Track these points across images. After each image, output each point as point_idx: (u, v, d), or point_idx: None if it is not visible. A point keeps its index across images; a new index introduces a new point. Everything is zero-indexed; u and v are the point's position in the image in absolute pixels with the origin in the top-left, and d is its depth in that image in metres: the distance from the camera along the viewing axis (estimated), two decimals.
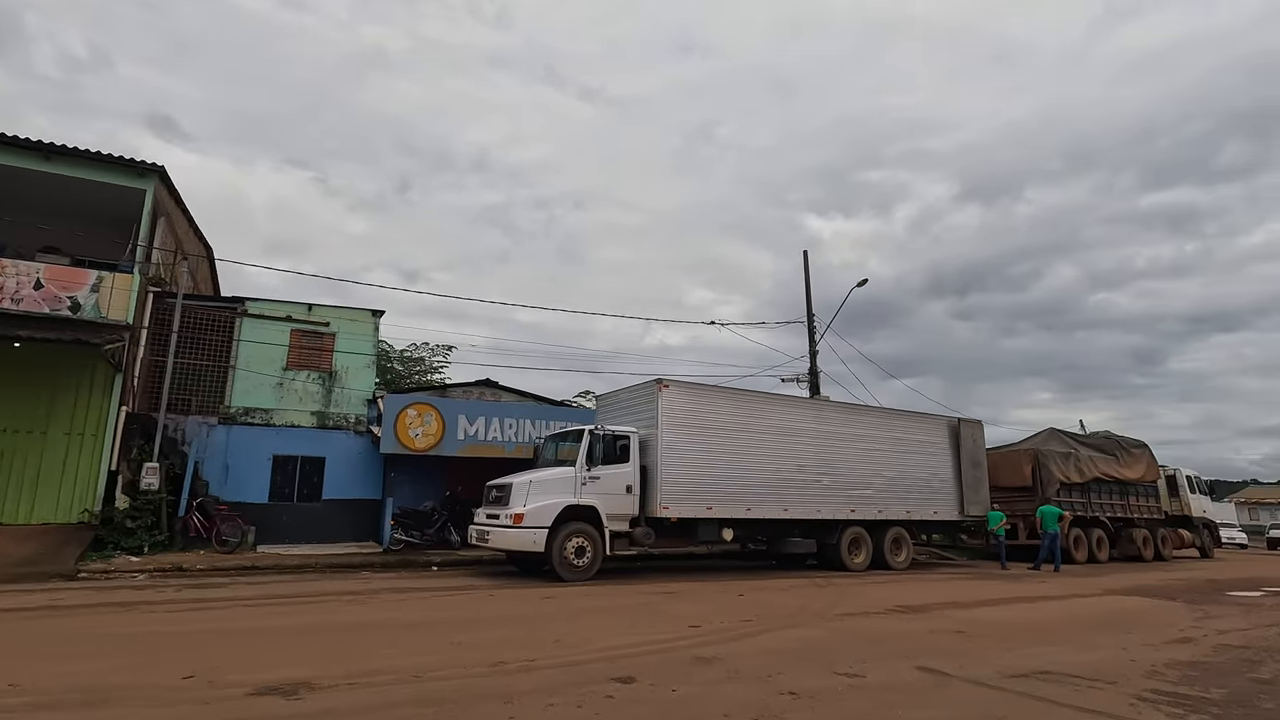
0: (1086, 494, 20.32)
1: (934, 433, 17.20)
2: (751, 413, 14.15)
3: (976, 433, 17.99)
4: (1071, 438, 21.53)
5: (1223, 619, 9.62)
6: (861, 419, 16.05)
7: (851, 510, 15.13)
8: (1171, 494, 24.05)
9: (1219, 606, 10.96)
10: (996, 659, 6.51)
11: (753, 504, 13.79)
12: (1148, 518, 22.08)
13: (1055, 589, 12.83)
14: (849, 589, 11.85)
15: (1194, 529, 24.30)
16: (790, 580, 12.93)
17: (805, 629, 7.96)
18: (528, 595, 10.12)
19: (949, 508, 16.95)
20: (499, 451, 16.22)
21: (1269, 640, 8.07)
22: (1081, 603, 11.02)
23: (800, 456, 14.62)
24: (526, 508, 11.60)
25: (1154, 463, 22.64)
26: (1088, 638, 7.82)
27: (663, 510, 12.63)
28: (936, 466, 16.97)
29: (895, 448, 16.26)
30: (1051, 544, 16.76)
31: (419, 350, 30.64)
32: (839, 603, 10.14)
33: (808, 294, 22.95)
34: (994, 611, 9.75)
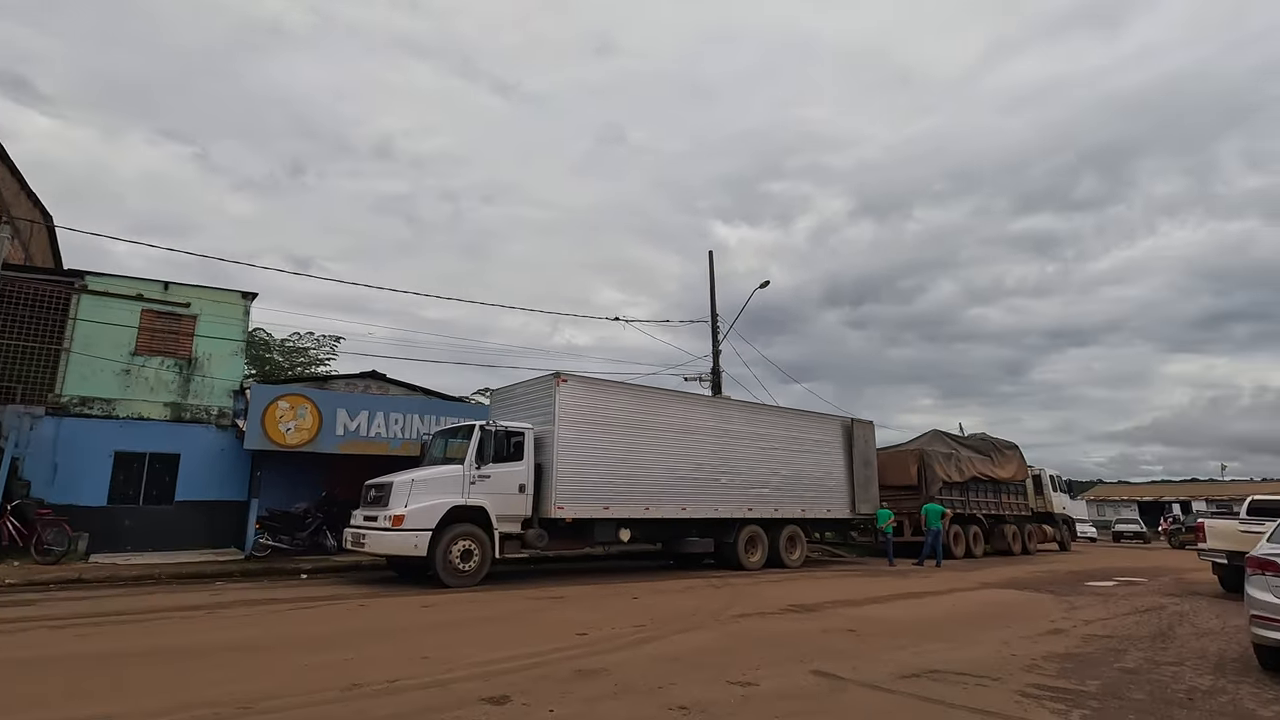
0: (965, 492, 21.47)
1: (829, 432, 17.55)
2: (652, 410, 13.82)
3: (868, 433, 18.54)
4: (952, 439, 22.73)
5: (1086, 609, 10.15)
6: (761, 418, 16.10)
7: (749, 509, 15.12)
8: (1037, 492, 25.93)
9: (1081, 597, 11.64)
10: (888, 659, 6.40)
11: (651, 503, 13.45)
12: (1017, 514, 23.66)
13: (938, 584, 13.28)
14: (745, 589, 11.71)
15: (1055, 524, 26.32)
16: (687, 581, 12.67)
17: (700, 633, 7.62)
18: (404, 604, 9.25)
19: (841, 506, 17.34)
20: (383, 449, 15.05)
21: (1127, 629, 8.51)
22: (962, 597, 11.39)
23: (700, 455, 14.43)
24: (407, 509, 10.68)
25: (1023, 463, 24.31)
26: (971, 633, 7.94)
27: (557, 510, 12.04)
28: (831, 465, 17.32)
29: (792, 447, 16.43)
30: (934, 540, 17.49)
31: (303, 340, 28.40)
32: (734, 603, 9.92)
33: (712, 294, 23.04)
34: (883, 609, 9.83)
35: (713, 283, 23.02)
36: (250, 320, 16.65)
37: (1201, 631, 8.38)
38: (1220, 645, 7.50)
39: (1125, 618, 9.38)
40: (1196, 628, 8.66)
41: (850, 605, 9.99)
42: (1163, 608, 10.48)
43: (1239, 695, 5.43)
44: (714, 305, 22.93)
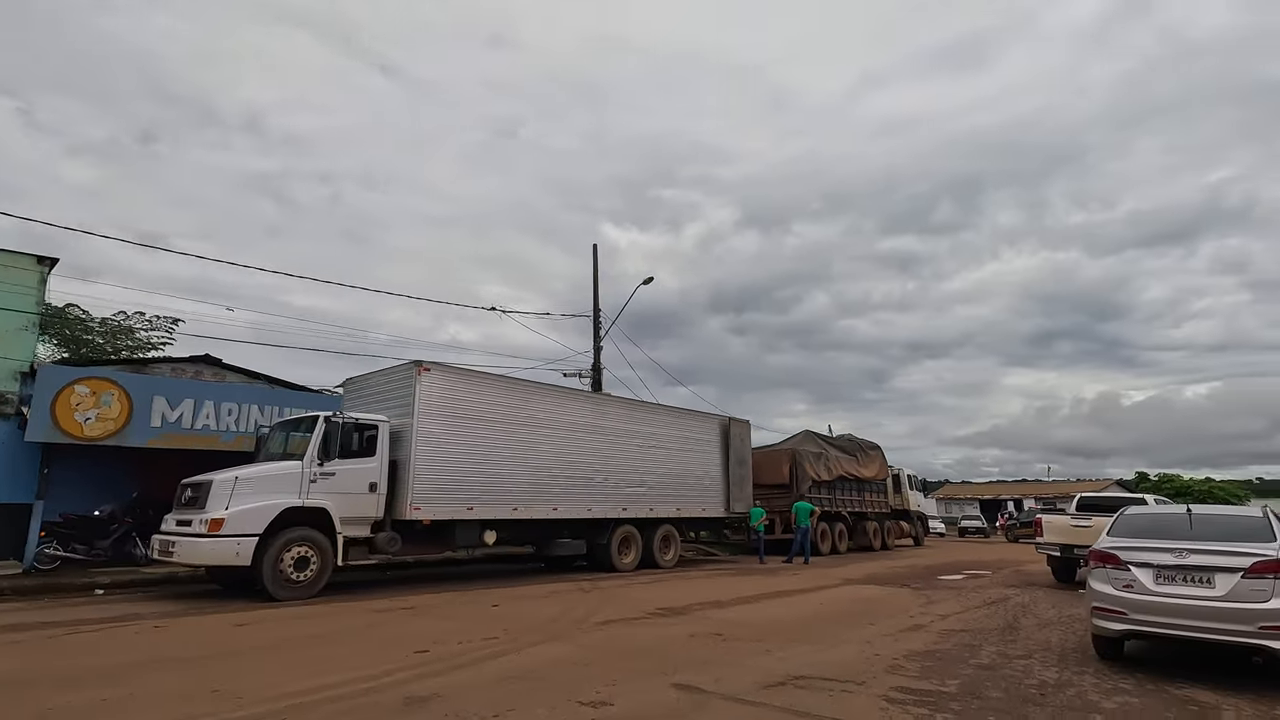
0: (833, 491, 22.25)
1: (706, 431, 17.46)
2: (524, 404, 12.99)
3: (744, 432, 18.67)
4: (822, 439, 23.53)
5: (941, 603, 10.47)
6: (639, 415, 15.69)
7: (624, 509, 14.65)
8: (896, 490, 27.45)
9: (936, 591, 12.08)
10: (754, 665, 6.04)
11: (521, 503, 12.63)
12: (878, 511, 24.88)
13: (805, 581, 13.40)
14: (614, 592, 11.18)
15: (911, 521, 28.02)
16: (554, 585, 11.96)
17: (557, 644, 6.95)
18: (214, 624, 7.90)
19: (717, 504, 17.29)
20: (211, 442, 13.20)
21: (979, 622, 8.75)
22: (828, 595, 11.47)
23: (574, 452, 13.78)
24: (228, 511, 9.24)
25: (885, 463, 25.63)
26: (836, 632, 7.81)
27: (413, 512, 10.95)
28: (707, 464, 17.23)
29: (670, 445, 16.16)
30: (803, 538, 17.85)
31: (130, 319, 24.89)
32: (601, 608, 9.34)
33: (595, 288, 22.46)
34: (752, 610, 9.62)
35: (596, 276, 22.47)
36: (49, 290, 14.12)
37: (1043, 622, 8.77)
38: (1060, 636, 7.80)
39: (976, 610, 9.72)
40: (1038, 618, 9.07)
41: (719, 607, 9.70)
42: (1007, 599, 11.02)
43: (1083, 688, 5.50)
44: (596, 299, 22.37)
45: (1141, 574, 5.96)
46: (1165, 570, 5.86)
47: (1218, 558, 5.68)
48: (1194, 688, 5.54)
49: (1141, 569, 5.98)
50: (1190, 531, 6.27)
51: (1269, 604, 5.38)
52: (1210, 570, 5.68)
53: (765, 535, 19.27)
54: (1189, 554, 5.77)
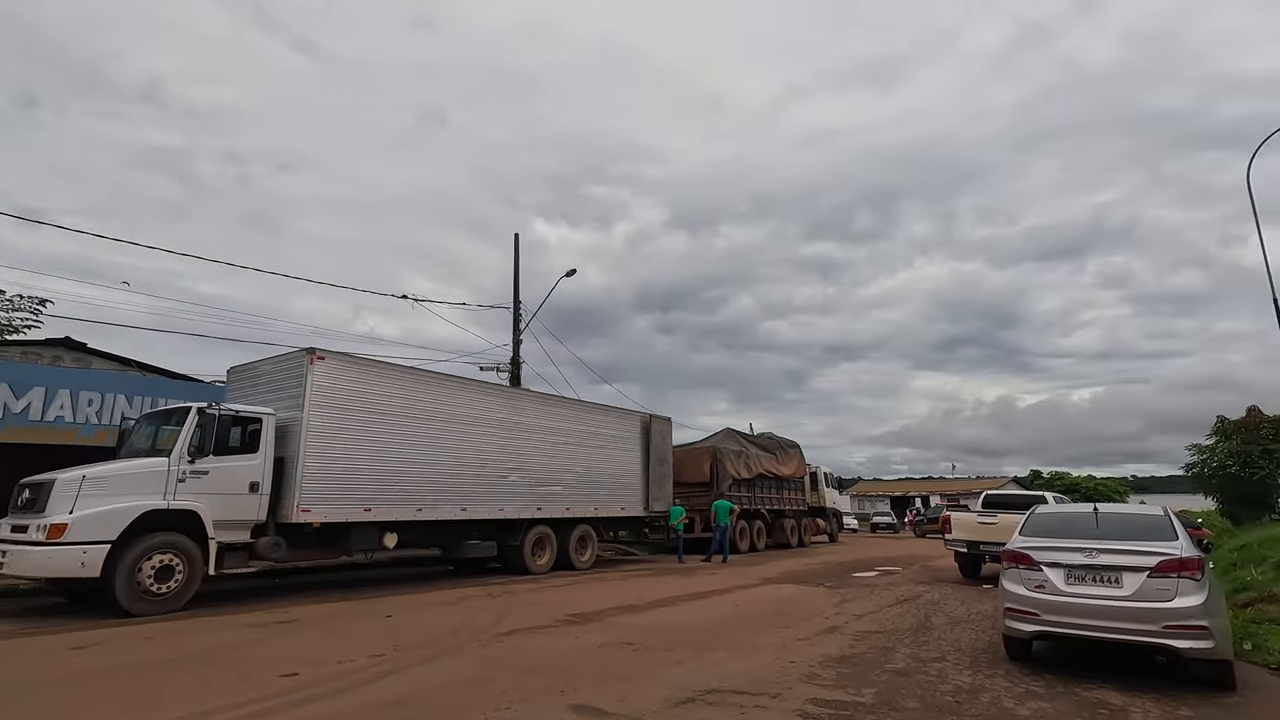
0: (752, 489, 22.31)
1: (627, 428, 17.03)
2: (431, 397, 12.14)
3: (665, 429, 18.36)
4: (743, 437, 23.58)
5: (855, 602, 10.41)
6: (557, 411, 15.07)
7: (538, 509, 14.00)
8: (813, 488, 27.94)
9: (850, 589, 12.08)
10: (664, 678, 5.60)
11: (426, 504, 11.78)
12: (796, 509, 25.19)
13: (723, 581, 13.17)
14: (524, 597, 10.55)
15: (827, 518, 28.58)
16: (461, 590, 11.21)
17: (451, 660, 6.30)
18: (43, 648, 6.79)
19: (636, 503, 16.89)
20: (66, 436, 11.68)
21: (892, 621, 8.67)
22: (745, 595, 11.24)
23: (487, 449, 13.03)
24: (73, 516, 8.03)
25: (803, 461, 25.99)
26: (751, 637, 7.50)
27: (301, 514, 9.96)
28: (628, 462, 16.80)
29: (589, 442, 15.62)
30: (722, 536, 17.71)
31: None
32: (507, 616, 8.71)
33: (515, 278, 21.63)
34: (667, 614, 9.22)
35: (517, 266, 21.66)
36: None
37: (953, 620, 8.78)
38: (971, 635, 7.78)
39: (889, 609, 9.68)
40: (948, 616, 9.09)
41: (634, 611, 9.26)
42: (918, 596, 11.10)
43: (997, 693, 5.35)
44: (517, 290, 21.57)
45: (1053, 574, 5.90)
46: (1076, 570, 5.81)
47: (1125, 557, 5.67)
48: (1102, 689, 5.49)
49: (1053, 569, 5.92)
50: (1097, 530, 6.28)
51: (1173, 603, 5.38)
52: (1118, 570, 5.65)
53: (685, 534, 19.06)
54: (1098, 554, 5.74)
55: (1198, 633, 5.26)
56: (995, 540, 13.17)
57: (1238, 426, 16.58)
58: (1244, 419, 16.64)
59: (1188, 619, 5.29)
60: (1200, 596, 5.36)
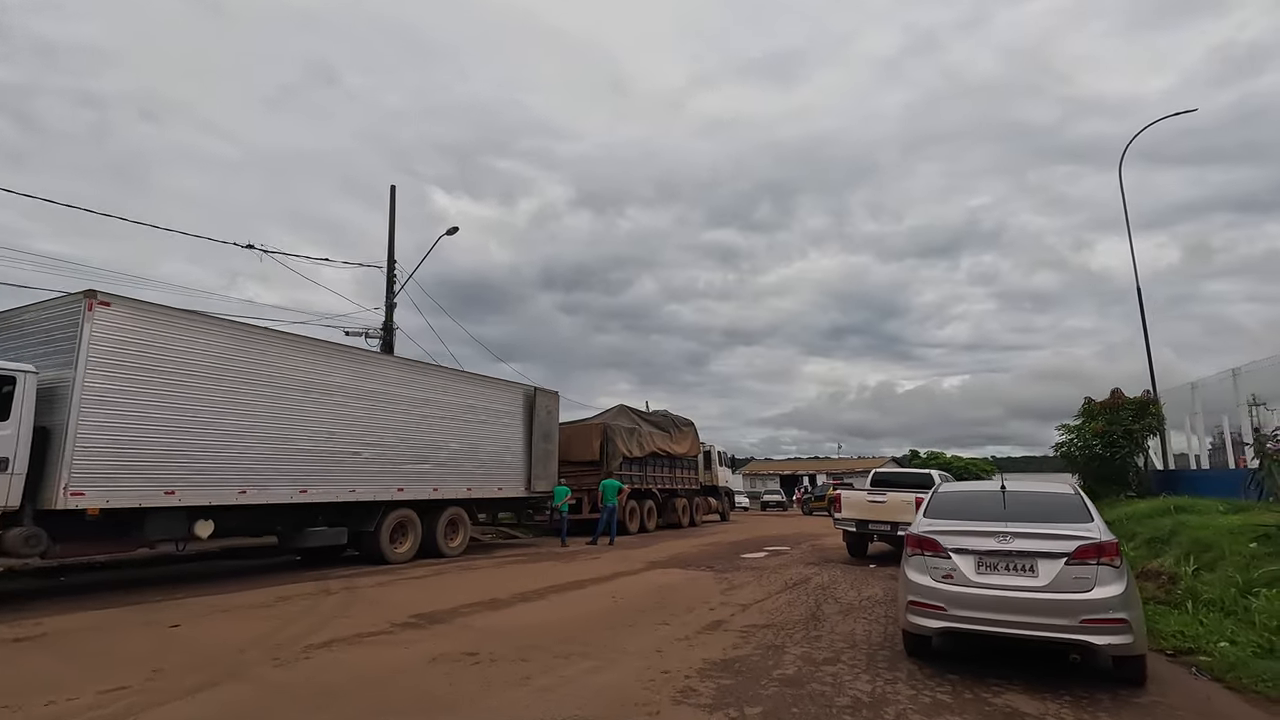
0: (644, 467, 21.44)
1: (508, 401, 15.56)
2: (257, 357, 10.18)
3: (552, 404, 17.03)
4: (637, 414, 22.64)
5: (743, 588, 9.61)
6: (424, 380, 13.36)
7: (400, 490, 12.34)
8: (706, 467, 27.55)
9: (738, 573, 11.34)
10: (498, 705, 4.37)
11: (252, 485, 9.89)
12: (688, 488, 24.64)
13: (604, 566, 12.11)
14: (368, 594, 9.00)
15: (719, 497, 28.32)
16: (291, 587, 9.47)
17: (224, 690, 4.77)
18: None
19: (517, 483, 15.51)
20: None
21: (781, 611, 7.87)
22: (625, 583, 10.20)
23: (333, 421, 11.22)
24: None
25: (697, 439, 25.44)
26: (621, 639, 6.40)
27: (71, 498, 7.90)
28: (507, 438, 15.36)
29: (463, 416, 14.05)
30: (609, 517, 16.68)
31: None
32: (333, 621, 7.17)
33: (391, 235, 19.45)
34: (530, 611, 7.98)
35: (392, 222, 19.48)
36: None
37: (845, 608, 8.09)
38: (865, 627, 7.05)
39: (778, 597, 8.91)
40: (840, 603, 8.41)
41: (493, 608, 7.95)
42: (808, 580, 10.48)
43: (901, 705, 4.49)
44: (392, 248, 19.42)
45: (962, 562, 5.13)
46: (987, 557, 5.07)
47: (1041, 542, 4.97)
48: (1011, 692, 4.78)
49: (962, 556, 5.16)
50: (1005, 511, 5.60)
51: (1091, 594, 4.72)
52: (1033, 556, 4.95)
53: (572, 515, 17.95)
54: (1013, 538, 5.02)
55: (1117, 626, 4.62)
56: (884, 519, 12.87)
57: (1102, 408, 17.31)
58: (1108, 400, 17.39)
59: (1107, 611, 4.64)
60: (1120, 586, 4.74)
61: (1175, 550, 8.88)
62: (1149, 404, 16.95)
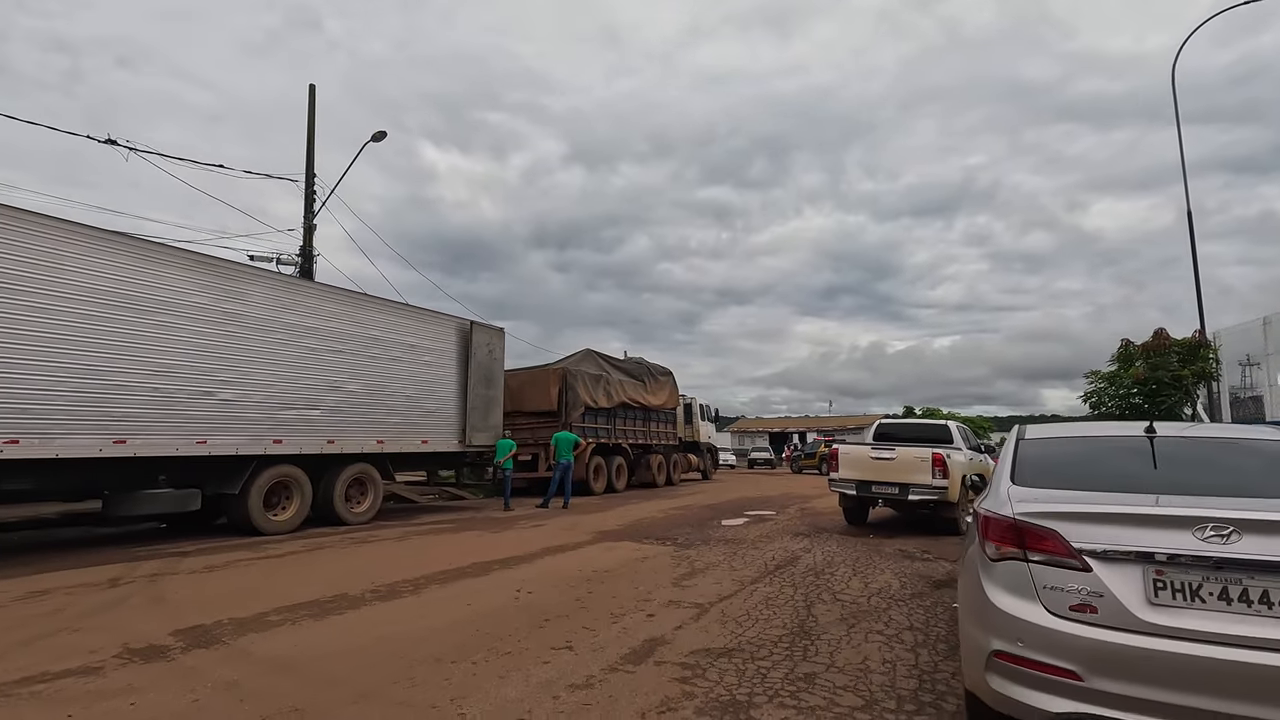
0: (612, 420, 18.86)
1: (435, 336, 12.80)
2: (41, 254, 7.33)
3: (494, 343, 14.28)
4: (606, 360, 19.92)
5: (707, 573, 7.06)
6: (310, 303, 10.54)
7: (277, 441, 9.67)
8: (686, 421, 25.04)
9: (707, 548, 8.81)
10: None
11: (31, 432, 7.18)
12: (665, 443, 22.16)
13: (538, 539, 9.56)
14: (174, 584, 6.39)
15: (700, 454, 25.89)
16: (74, 573, 6.83)
17: None
18: None
19: (447, 435, 12.87)
20: None
21: (754, 622, 5.29)
22: (550, 566, 7.62)
23: (171, 350, 8.46)
24: None
25: (675, 390, 22.83)
26: (470, 687, 3.77)
27: None
28: (434, 381, 12.66)
29: (368, 351, 11.30)
30: (563, 475, 14.12)
31: None
32: (50, 639, 4.54)
33: (310, 140, 16.34)
34: (375, 617, 5.36)
35: (312, 124, 16.34)
36: None
37: (848, 612, 5.53)
38: (883, 653, 4.47)
39: (753, 589, 6.35)
40: (840, 603, 5.85)
41: (321, 614, 5.33)
42: (795, 560, 7.94)
43: None
44: (310, 164, 16.33)
45: (1117, 578, 2.47)
46: (1176, 571, 2.41)
47: None
48: None
49: (1115, 567, 2.49)
50: (1162, 475, 2.97)
51: None
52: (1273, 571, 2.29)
53: (529, 474, 15.56)
54: (1238, 531, 2.35)
55: None
56: (891, 479, 10.34)
57: (1144, 351, 14.75)
58: (1150, 342, 14.82)
59: None
60: None
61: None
62: (1199, 346, 14.41)
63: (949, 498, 10.03)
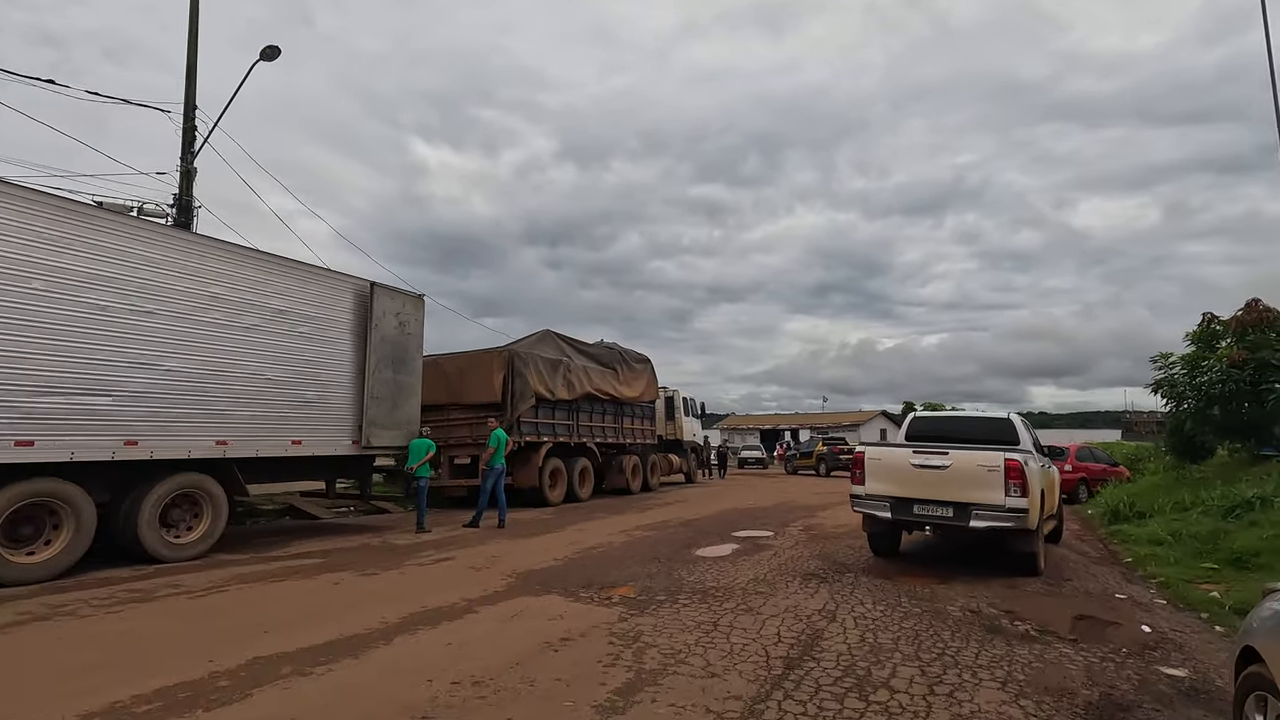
0: (574, 414, 15.66)
1: (317, 301, 9.52)
2: None
3: (408, 313, 11.00)
4: (569, 343, 16.68)
5: (664, 680, 3.87)
6: (100, 240, 7.19)
7: (24, 443, 6.40)
8: (668, 417, 21.91)
9: (673, 611, 5.62)
10: None
11: None
12: (641, 443, 18.99)
13: (430, 586, 6.34)
14: None
15: (683, 454, 22.75)
16: None
17: None
18: None
19: (333, 434, 9.61)
20: None
21: None
22: (399, 657, 4.41)
23: None
24: None
25: (654, 380, 19.63)
26: None
27: None
28: (314, 360, 9.39)
29: (209, 315, 8.03)
30: (495, 483, 10.91)
31: None
32: None
33: (190, 64, 12.99)
34: None
35: (194, 34, 12.98)
36: None
37: None
38: None
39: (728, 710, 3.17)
40: None
41: None
42: (817, 644, 4.76)
43: None
44: (191, 92, 12.98)
45: None
46: None
47: None
48: None
49: None
50: None
51: None
52: None
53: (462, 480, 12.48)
54: None
55: None
56: (944, 498, 7.20)
57: (1238, 326, 11.71)
58: (1244, 316, 11.78)
59: None
60: None
61: None
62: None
63: (1028, 524, 6.91)
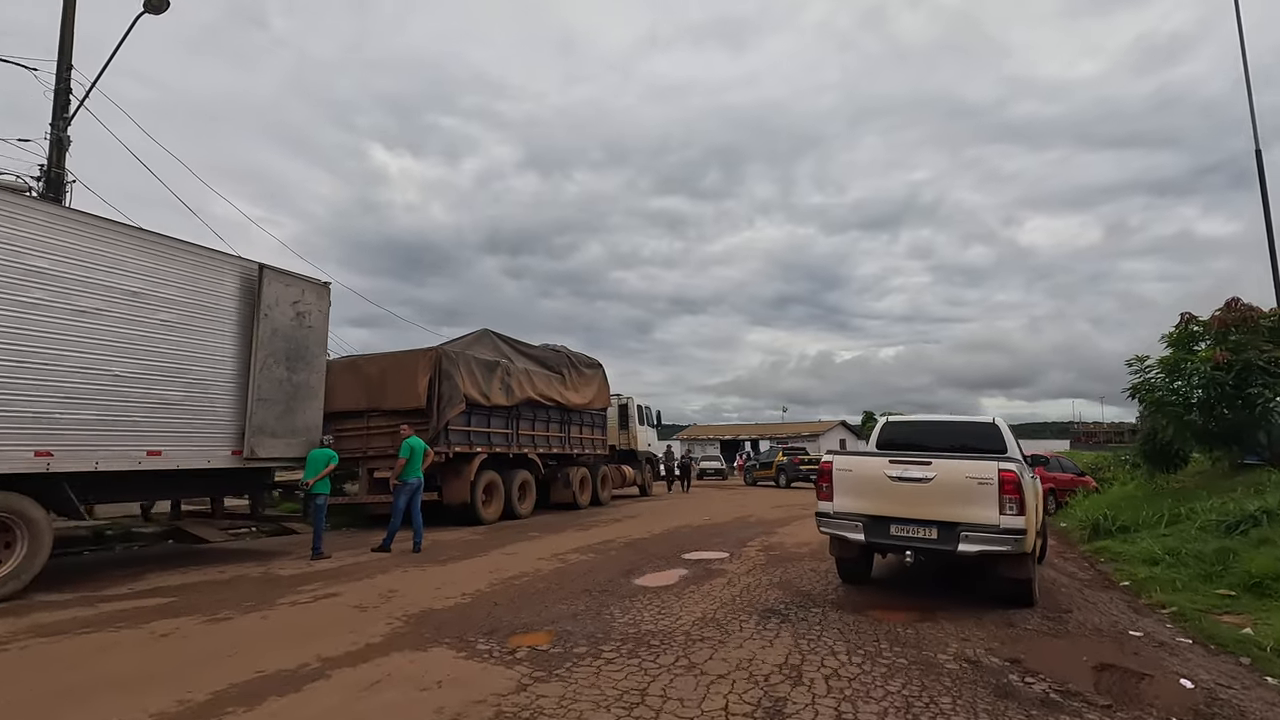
0: (514, 422, 14.25)
1: (186, 282, 7.98)
2: None
3: (308, 303, 9.51)
4: (510, 344, 15.28)
5: None
6: None
7: None
8: (622, 425, 20.64)
9: (589, 671, 4.34)
10: None
11: None
12: (592, 453, 17.65)
13: (297, 634, 4.93)
14: None
15: (638, 465, 21.47)
16: None
17: None
18: None
19: (204, 443, 8.05)
20: None
21: None
22: None
23: None
24: None
25: (606, 386, 18.34)
26: None
27: None
28: (180, 355, 7.85)
29: (29, 294, 6.47)
30: (410, 501, 9.47)
31: None
32: None
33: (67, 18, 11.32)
34: None
35: None
36: None
37: None
38: None
39: None
40: None
41: None
42: (774, 714, 3.52)
43: None
44: (69, 35, 11.31)
45: None
46: None
47: None
48: None
49: None
50: None
51: None
52: None
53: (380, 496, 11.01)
54: None
55: None
56: (927, 516, 6.07)
57: (1220, 326, 11.02)
58: (1225, 315, 11.11)
59: None
60: None
61: None
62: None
63: (1024, 547, 5.83)
